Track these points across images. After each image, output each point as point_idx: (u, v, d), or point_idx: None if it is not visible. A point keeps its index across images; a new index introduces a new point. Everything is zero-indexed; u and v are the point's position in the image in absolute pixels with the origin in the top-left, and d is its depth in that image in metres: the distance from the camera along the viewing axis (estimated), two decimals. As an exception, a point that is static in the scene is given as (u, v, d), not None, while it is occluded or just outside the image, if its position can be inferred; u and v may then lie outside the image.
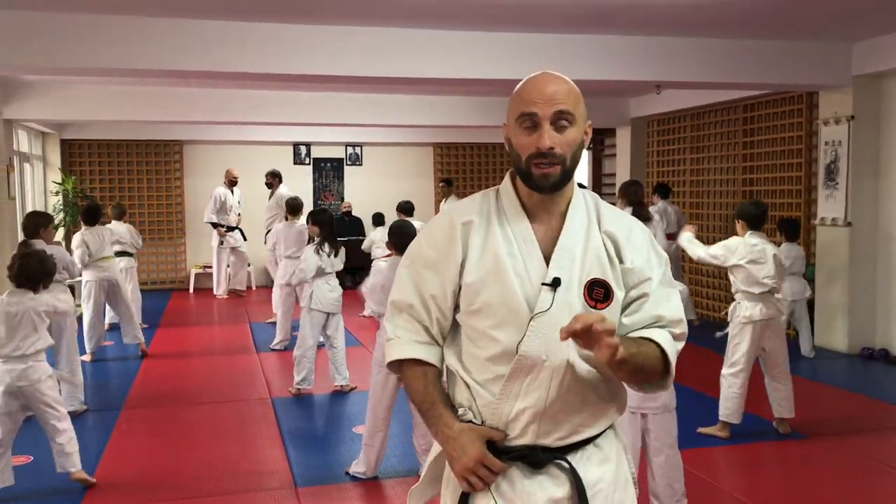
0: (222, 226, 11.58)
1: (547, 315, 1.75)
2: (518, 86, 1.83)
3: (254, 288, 12.95)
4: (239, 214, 11.74)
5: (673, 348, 1.82)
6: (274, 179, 11.18)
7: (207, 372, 7.30)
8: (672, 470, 3.74)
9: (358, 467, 4.58)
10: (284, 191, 11.02)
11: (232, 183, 11.74)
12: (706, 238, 9.94)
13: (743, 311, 5.08)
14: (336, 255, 6.41)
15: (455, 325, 1.89)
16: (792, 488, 4.54)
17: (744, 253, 5.01)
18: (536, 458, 1.80)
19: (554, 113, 1.75)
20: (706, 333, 8.46)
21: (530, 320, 1.76)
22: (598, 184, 12.48)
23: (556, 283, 1.77)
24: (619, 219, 1.89)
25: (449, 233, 1.85)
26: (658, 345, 1.79)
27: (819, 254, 7.95)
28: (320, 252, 6.32)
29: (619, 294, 1.81)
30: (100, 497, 4.34)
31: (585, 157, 12.89)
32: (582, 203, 1.88)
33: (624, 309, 1.83)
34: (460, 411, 1.85)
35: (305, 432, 5.54)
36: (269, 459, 4.92)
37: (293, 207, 8.47)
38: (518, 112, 1.79)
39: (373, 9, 5.95)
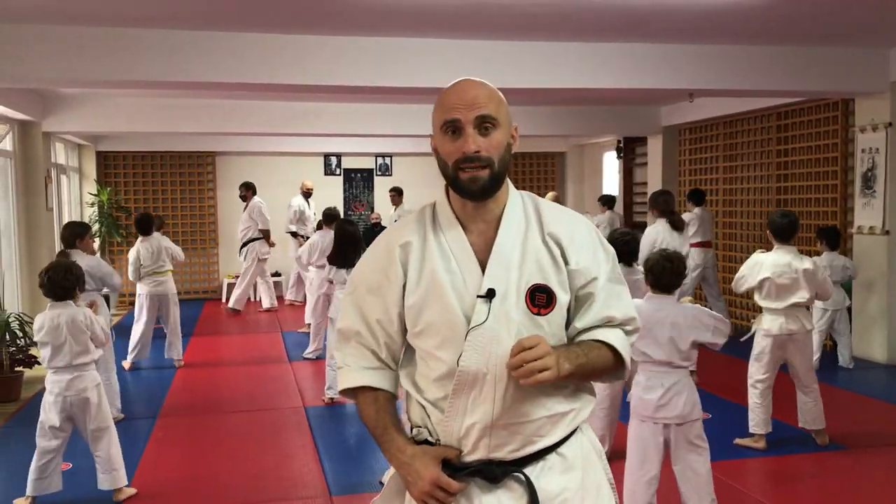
0: (303, 236, 11.69)
1: (483, 328, 1.73)
2: (440, 95, 1.83)
3: (286, 297, 13.03)
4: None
5: (626, 345, 1.84)
6: (247, 191, 11.16)
7: (241, 381, 7.36)
8: (695, 484, 3.68)
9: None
10: (258, 201, 11.05)
11: (307, 193, 11.87)
12: (739, 247, 9.85)
13: (764, 324, 5.03)
14: (350, 268, 6.33)
15: (409, 347, 1.88)
16: (831, 500, 4.46)
17: (770, 267, 4.94)
18: (492, 473, 1.77)
19: (476, 118, 1.75)
20: (742, 344, 8.36)
21: (467, 334, 1.74)
22: (630, 192, 12.41)
23: (490, 295, 1.73)
24: (562, 219, 1.85)
25: (386, 257, 1.84)
26: (610, 345, 1.81)
27: (856, 263, 7.82)
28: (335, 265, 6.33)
29: (564, 298, 1.78)
30: (137, 504, 4.39)
31: (616, 165, 12.83)
32: (518, 207, 1.84)
33: (572, 310, 1.82)
34: (415, 431, 1.85)
35: (339, 441, 5.55)
36: (303, 468, 4.94)
37: (328, 217, 8.54)
38: (441, 120, 1.79)
39: (405, 20, 5.98)
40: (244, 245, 11.14)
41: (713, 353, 3.98)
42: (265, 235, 11.14)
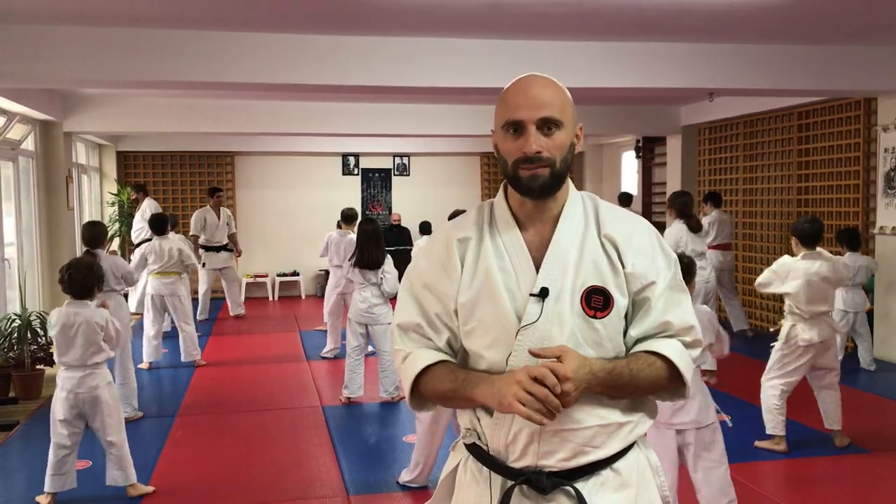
0: None
1: (534, 327, 1.68)
2: (503, 91, 1.77)
3: (303, 296, 13.10)
4: None
5: (685, 358, 1.74)
6: (138, 193, 10.89)
7: (259, 379, 7.38)
8: (714, 485, 3.64)
9: (408, 476, 4.57)
10: (150, 202, 10.68)
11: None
12: (759, 247, 9.77)
13: (802, 335, 4.92)
14: (374, 267, 6.35)
15: (462, 350, 1.83)
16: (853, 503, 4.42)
17: (800, 276, 4.87)
18: (541, 483, 1.70)
19: (540, 118, 1.69)
20: (759, 345, 8.29)
21: (517, 333, 1.69)
22: (648, 192, 12.34)
23: (543, 294, 1.68)
24: (621, 220, 1.79)
25: (445, 251, 1.79)
26: (665, 357, 1.72)
27: (878, 264, 7.73)
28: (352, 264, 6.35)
29: (622, 301, 1.72)
30: (156, 502, 4.40)
31: (634, 165, 12.77)
32: (578, 207, 1.78)
33: (629, 316, 1.75)
34: (463, 432, 1.81)
35: (356, 440, 5.56)
36: (320, 467, 4.95)
37: (346, 217, 8.56)
38: (504, 119, 1.73)
39: (421, 20, 5.97)
40: (137, 245, 10.91)
41: (732, 355, 3.93)
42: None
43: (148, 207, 10.58)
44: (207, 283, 10.78)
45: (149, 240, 10.29)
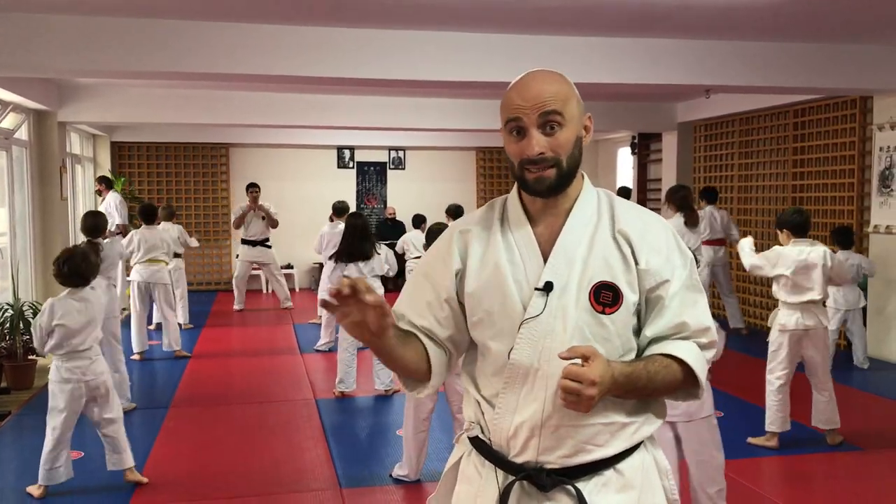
0: None
1: (537, 321, 1.67)
2: (506, 90, 1.76)
3: (297, 290, 13.08)
4: None
5: (700, 361, 1.73)
6: (101, 185, 10.75)
7: (252, 372, 7.37)
8: (705, 475, 3.65)
9: (401, 470, 4.57)
10: (114, 195, 10.49)
11: None
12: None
13: (780, 320, 4.99)
14: (363, 259, 6.33)
15: (472, 345, 1.84)
16: (844, 501, 4.42)
17: (790, 263, 4.90)
18: (541, 481, 1.69)
19: (539, 116, 1.66)
20: (755, 342, 8.31)
21: (520, 326, 1.68)
22: (644, 189, 12.35)
23: (548, 288, 1.67)
24: (636, 216, 1.76)
25: (447, 243, 1.82)
26: (680, 360, 1.70)
27: (872, 263, 7.75)
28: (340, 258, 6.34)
29: (632, 298, 1.69)
30: (149, 493, 4.40)
31: (630, 161, 12.76)
32: (591, 201, 1.76)
33: (642, 314, 1.73)
34: (468, 426, 1.81)
35: (349, 434, 5.55)
36: (313, 460, 4.94)
37: (337, 210, 8.54)
38: (505, 118, 1.71)
39: (421, 13, 5.95)
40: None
41: (728, 352, 3.94)
42: (122, 231, 10.80)
43: (111, 200, 10.41)
44: (240, 273, 10.87)
45: (116, 233, 10.25)
